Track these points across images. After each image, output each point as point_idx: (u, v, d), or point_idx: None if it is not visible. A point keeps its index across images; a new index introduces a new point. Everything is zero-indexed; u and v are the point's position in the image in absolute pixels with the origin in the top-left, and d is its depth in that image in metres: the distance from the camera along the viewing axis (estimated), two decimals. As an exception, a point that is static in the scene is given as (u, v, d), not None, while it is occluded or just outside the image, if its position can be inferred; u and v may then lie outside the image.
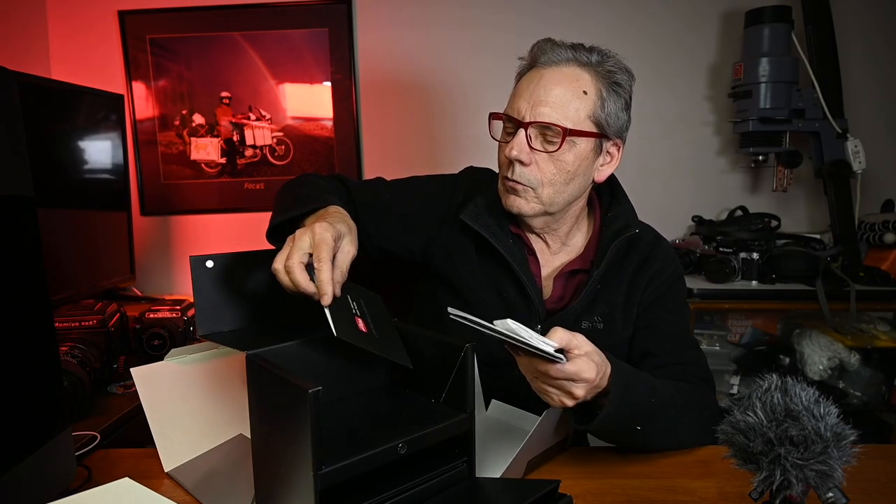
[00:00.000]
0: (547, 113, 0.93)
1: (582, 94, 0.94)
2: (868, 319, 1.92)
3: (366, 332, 0.74)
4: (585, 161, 0.97)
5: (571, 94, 0.94)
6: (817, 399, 0.59)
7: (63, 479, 0.80)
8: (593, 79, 0.95)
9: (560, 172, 0.95)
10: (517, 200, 0.98)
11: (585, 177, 0.99)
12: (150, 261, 2.28)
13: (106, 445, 1.02)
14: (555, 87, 0.94)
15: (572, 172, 0.96)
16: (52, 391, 0.78)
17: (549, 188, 0.96)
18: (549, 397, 0.79)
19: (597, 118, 0.95)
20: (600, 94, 0.95)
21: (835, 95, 2.02)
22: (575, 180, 0.97)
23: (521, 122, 0.94)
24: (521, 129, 0.94)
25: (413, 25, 2.18)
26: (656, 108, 2.18)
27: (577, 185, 0.98)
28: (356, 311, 0.76)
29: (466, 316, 0.69)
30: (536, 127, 0.94)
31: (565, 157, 0.95)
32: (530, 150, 0.94)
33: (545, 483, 0.71)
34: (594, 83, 0.95)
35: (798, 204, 2.25)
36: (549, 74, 0.95)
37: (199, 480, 0.81)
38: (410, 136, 2.24)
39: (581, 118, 0.94)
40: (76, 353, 1.18)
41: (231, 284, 0.79)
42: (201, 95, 2.20)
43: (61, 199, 1.70)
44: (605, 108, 0.95)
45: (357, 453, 0.60)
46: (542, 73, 0.96)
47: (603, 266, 1.00)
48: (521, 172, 0.95)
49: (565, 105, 0.93)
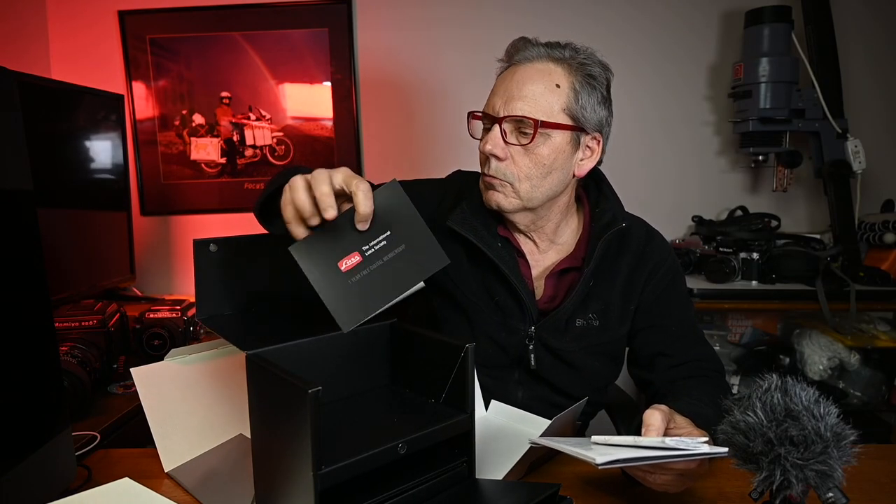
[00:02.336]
0: (520, 107, 0.94)
1: (555, 87, 0.95)
2: (868, 319, 1.92)
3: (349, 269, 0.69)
4: (562, 154, 0.97)
5: (544, 87, 0.95)
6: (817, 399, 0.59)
7: (63, 479, 0.80)
8: (566, 72, 0.96)
9: (536, 166, 0.96)
10: (496, 195, 0.98)
11: (564, 171, 0.99)
12: (150, 261, 2.28)
13: (106, 445, 1.02)
14: (527, 82, 0.95)
15: (548, 166, 0.96)
16: (52, 391, 0.78)
17: (526, 182, 0.96)
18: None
19: (571, 111, 0.96)
20: (573, 87, 0.96)
21: (835, 95, 2.02)
22: (552, 174, 0.97)
23: (496, 118, 0.95)
24: (495, 125, 0.95)
25: (413, 25, 2.18)
26: (656, 108, 2.18)
27: (556, 180, 0.98)
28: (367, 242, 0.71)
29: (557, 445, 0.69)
30: (510, 122, 0.95)
31: (540, 151, 0.95)
32: (505, 144, 0.95)
33: (546, 486, 0.71)
34: (567, 77, 0.96)
35: (798, 204, 2.24)
36: (522, 70, 0.97)
37: (199, 480, 0.81)
38: (410, 136, 2.24)
39: (555, 111, 0.95)
40: (76, 353, 1.18)
41: (232, 268, 0.79)
42: (201, 95, 2.20)
43: (61, 199, 1.70)
44: (579, 100, 0.96)
45: (357, 453, 0.60)
46: (515, 70, 0.98)
47: (593, 263, 1.00)
48: (497, 167, 0.96)
49: (537, 98, 0.94)
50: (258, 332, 0.77)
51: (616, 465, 0.64)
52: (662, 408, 0.75)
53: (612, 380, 1.14)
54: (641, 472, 0.73)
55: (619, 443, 0.70)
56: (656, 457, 0.65)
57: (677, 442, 0.67)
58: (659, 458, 0.65)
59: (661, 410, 0.74)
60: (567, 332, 1.03)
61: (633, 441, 0.69)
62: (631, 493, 0.80)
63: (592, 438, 0.73)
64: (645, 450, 0.67)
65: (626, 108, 2.20)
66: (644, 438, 0.70)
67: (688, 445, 0.66)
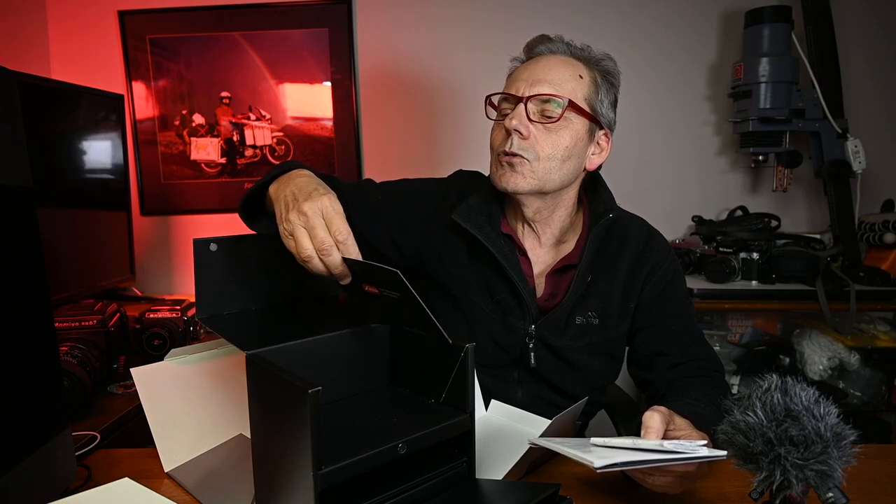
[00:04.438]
0: (547, 88, 0.96)
1: (578, 77, 0.98)
2: (868, 319, 1.92)
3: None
4: (581, 143, 0.99)
5: (569, 75, 0.97)
6: (817, 399, 0.58)
7: (63, 479, 0.80)
8: (588, 68, 1.00)
9: (557, 148, 0.96)
10: (513, 177, 0.97)
11: (579, 160, 1.00)
12: (150, 261, 2.28)
13: (106, 445, 1.02)
14: (552, 68, 0.98)
15: (569, 150, 0.97)
16: (52, 391, 0.78)
17: (546, 163, 0.96)
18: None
19: (591, 102, 0.98)
20: (595, 80, 0.99)
21: (835, 95, 2.02)
22: (570, 160, 0.98)
23: (520, 98, 0.96)
24: (520, 104, 0.96)
25: (413, 25, 2.18)
26: (657, 108, 2.18)
27: (572, 167, 0.99)
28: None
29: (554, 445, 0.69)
30: (535, 102, 0.96)
31: (562, 133, 0.96)
32: (529, 122, 0.96)
33: (546, 487, 0.71)
34: (589, 71, 0.99)
35: (798, 204, 2.25)
36: (545, 59, 1.00)
37: (199, 480, 0.81)
38: (410, 136, 2.24)
39: (578, 97, 0.97)
40: (76, 353, 1.18)
41: (232, 268, 0.79)
42: (201, 95, 2.20)
43: (61, 199, 1.70)
44: (598, 94, 0.99)
45: (357, 453, 0.60)
46: (538, 59, 1.00)
47: (587, 255, 1.00)
48: (520, 144, 0.96)
49: (564, 83, 0.96)
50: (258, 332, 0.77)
51: (614, 469, 0.64)
52: (661, 409, 0.75)
53: (611, 379, 1.14)
54: (641, 474, 0.73)
55: (618, 445, 0.70)
56: (654, 460, 0.65)
57: (675, 445, 0.67)
58: (657, 461, 0.65)
59: (661, 412, 0.74)
60: (567, 331, 1.03)
61: (631, 443, 0.69)
62: (631, 494, 0.80)
63: (591, 440, 0.73)
64: (643, 452, 0.67)
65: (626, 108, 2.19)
66: (642, 441, 0.70)
67: (686, 448, 0.66)
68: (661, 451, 0.66)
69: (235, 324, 0.78)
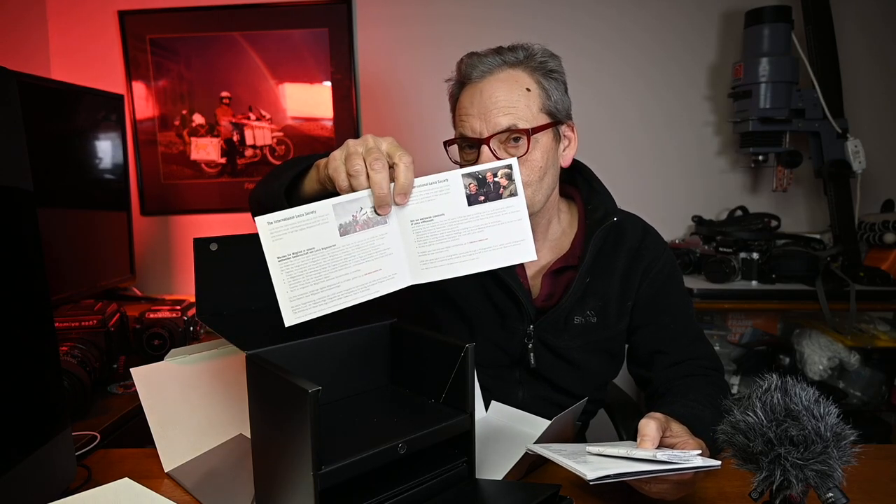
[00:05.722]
0: (504, 120, 0.93)
1: (526, 91, 0.95)
2: (868, 319, 1.92)
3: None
4: (551, 153, 0.98)
5: (517, 95, 0.94)
6: (817, 399, 0.58)
7: (63, 479, 0.80)
8: (529, 74, 0.96)
9: (533, 171, 0.96)
10: None
11: (555, 167, 1.00)
12: (150, 261, 2.28)
13: (106, 445, 1.02)
14: (498, 94, 0.94)
15: (543, 168, 0.97)
16: (52, 391, 0.78)
17: (527, 189, 0.95)
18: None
19: (547, 109, 0.96)
20: (541, 85, 0.96)
21: (835, 95, 2.02)
22: (547, 174, 0.98)
23: (481, 140, 0.94)
24: (483, 146, 0.94)
25: (413, 25, 2.18)
26: (657, 107, 2.18)
27: (550, 178, 1.00)
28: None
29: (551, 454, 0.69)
30: (497, 138, 0.94)
31: (534, 157, 0.95)
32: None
33: (546, 487, 0.71)
34: (531, 77, 0.96)
35: (798, 204, 2.24)
36: (486, 85, 0.96)
37: (199, 480, 0.81)
38: (410, 136, 2.24)
39: (535, 114, 0.95)
40: (76, 353, 1.18)
41: (233, 268, 0.79)
42: (201, 95, 2.20)
43: (61, 199, 1.70)
44: (550, 97, 0.97)
45: (357, 453, 0.60)
46: (479, 87, 0.96)
47: (588, 259, 1.00)
48: None
49: (517, 107, 0.94)
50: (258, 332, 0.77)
51: (608, 481, 0.64)
52: (658, 416, 0.74)
53: (611, 377, 1.14)
54: (637, 482, 0.73)
55: (613, 453, 0.70)
56: (648, 471, 0.65)
57: (669, 456, 0.66)
58: (651, 472, 0.65)
59: (657, 419, 0.73)
60: (566, 330, 1.03)
61: (626, 452, 0.69)
62: (631, 495, 0.80)
63: (587, 448, 0.73)
64: (637, 462, 0.67)
65: (626, 108, 2.20)
66: (637, 450, 0.70)
67: (680, 459, 0.66)
68: (655, 461, 0.66)
69: (235, 324, 0.77)
